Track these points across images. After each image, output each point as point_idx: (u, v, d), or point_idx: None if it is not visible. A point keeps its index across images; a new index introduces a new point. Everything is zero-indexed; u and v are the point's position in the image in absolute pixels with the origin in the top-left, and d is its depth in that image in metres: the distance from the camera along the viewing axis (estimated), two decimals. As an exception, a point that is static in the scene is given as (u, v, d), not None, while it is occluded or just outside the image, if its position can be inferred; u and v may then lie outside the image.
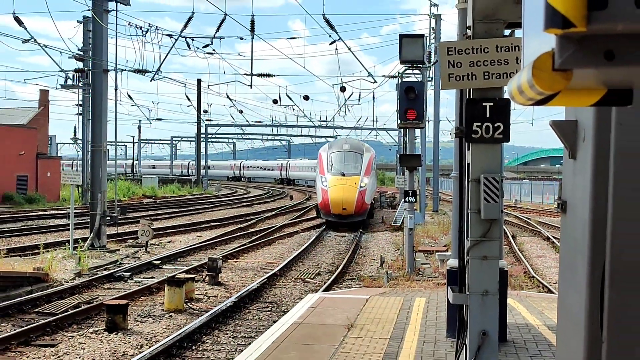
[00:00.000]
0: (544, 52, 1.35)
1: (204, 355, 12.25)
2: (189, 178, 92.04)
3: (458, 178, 8.68)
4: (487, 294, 7.47)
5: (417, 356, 9.14)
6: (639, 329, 2.67)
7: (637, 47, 1.27)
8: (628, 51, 1.28)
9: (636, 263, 2.66)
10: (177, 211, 46.46)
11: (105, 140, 27.72)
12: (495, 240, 7.48)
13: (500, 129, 7.32)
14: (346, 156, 38.85)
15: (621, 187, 2.68)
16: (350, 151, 39.24)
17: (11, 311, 15.31)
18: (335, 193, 35.11)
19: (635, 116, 2.65)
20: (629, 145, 2.68)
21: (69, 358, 11.88)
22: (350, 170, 37.43)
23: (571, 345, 2.97)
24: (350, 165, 38.21)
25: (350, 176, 36.76)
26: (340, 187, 35.42)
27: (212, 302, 16.73)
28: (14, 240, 28.04)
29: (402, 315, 11.91)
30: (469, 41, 7.37)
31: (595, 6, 1.23)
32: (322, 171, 38.25)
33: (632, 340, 2.68)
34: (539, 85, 1.37)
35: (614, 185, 2.69)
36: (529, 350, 9.45)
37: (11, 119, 57.59)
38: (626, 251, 2.67)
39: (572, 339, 2.95)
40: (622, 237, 2.68)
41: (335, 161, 38.35)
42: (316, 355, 9.17)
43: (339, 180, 36.14)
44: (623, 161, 2.68)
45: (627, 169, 2.68)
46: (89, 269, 20.73)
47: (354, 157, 38.70)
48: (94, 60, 28.20)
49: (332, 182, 36.20)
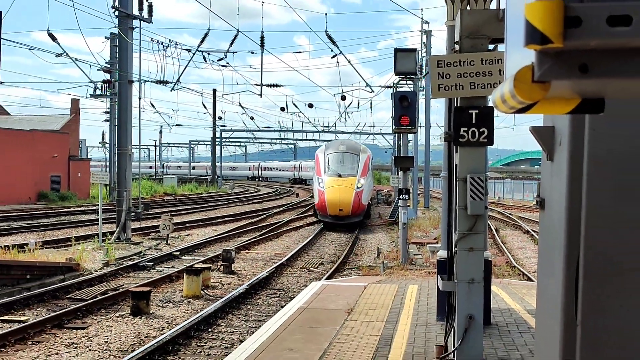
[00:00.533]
0: (524, 65, 1.34)
1: (219, 336, 12.26)
2: (206, 177, 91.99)
3: (447, 177, 8.67)
4: (473, 282, 7.47)
5: (410, 338, 9.13)
6: (610, 313, 2.66)
7: (608, 61, 1.27)
8: (600, 65, 1.28)
9: (607, 255, 2.66)
10: (195, 207, 46.46)
11: (130, 144, 27.72)
12: (480, 234, 7.48)
13: (484, 133, 7.31)
14: (342, 157, 35.11)
15: (594, 186, 2.68)
16: (346, 152, 35.42)
17: (46, 297, 15.33)
18: (332, 194, 31.77)
19: (607, 123, 2.65)
20: (600, 149, 2.68)
21: (98, 339, 11.89)
22: (347, 171, 33.83)
23: (549, 328, 2.96)
24: (346, 166, 34.53)
25: (347, 177, 33.27)
26: (336, 188, 32.10)
27: (226, 289, 16.74)
28: (49, 233, 28.09)
29: (397, 301, 11.91)
30: (456, 55, 7.36)
31: (570, 24, 1.23)
32: (318, 172, 34.73)
33: (604, 323, 2.68)
34: (520, 95, 1.37)
35: (587, 185, 2.69)
36: (510, 333, 9.45)
37: (46, 125, 57.57)
38: (598, 244, 2.67)
39: (549, 323, 2.95)
40: (595, 231, 2.67)
41: (332, 162, 34.65)
42: (319, 337, 9.17)
43: (335, 182, 32.71)
44: (596, 163, 2.68)
45: (599, 171, 2.68)
46: (115, 260, 20.75)
47: (350, 158, 34.97)
48: (120, 72, 28.23)
49: (328, 183, 32.71)
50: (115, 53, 37.65)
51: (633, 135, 2.66)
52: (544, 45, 1.25)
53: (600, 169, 2.67)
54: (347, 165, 34.41)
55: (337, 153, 35.24)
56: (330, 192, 31.80)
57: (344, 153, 35.21)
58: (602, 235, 2.67)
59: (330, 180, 32.86)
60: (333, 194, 31.70)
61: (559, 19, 1.23)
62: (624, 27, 1.22)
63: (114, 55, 38.77)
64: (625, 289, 2.65)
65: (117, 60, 30.65)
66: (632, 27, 1.22)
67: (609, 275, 2.65)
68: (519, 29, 1.33)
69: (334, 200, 31.47)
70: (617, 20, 1.23)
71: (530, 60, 1.31)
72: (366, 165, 34.66)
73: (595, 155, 2.67)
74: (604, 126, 2.66)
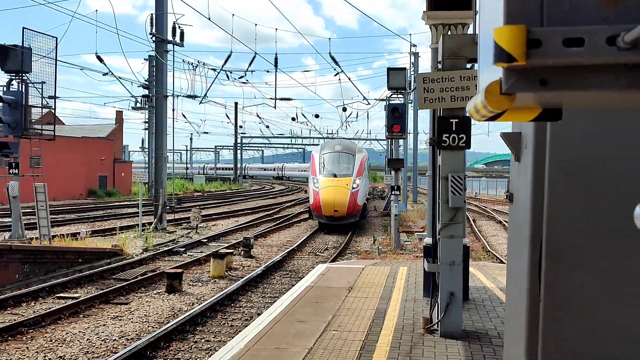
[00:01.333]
0: (493, 80, 1.34)
1: (240, 310, 12.28)
2: (229, 176, 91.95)
3: (431, 176, 8.67)
4: (453, 264, 7.47)
5: (401, 311, 9.13)
6: (568, 290, 2.66)
7: (564, 76, 1.27)
8: (557, 79, 1.28)
9: (565, 240, 2.66)
10: (220, 202, 46.48)
11: (165, 149, 27.78)
12: (460, 224, 7.48)
13: (463, 139, 7.31)
14: (338, 157, 29.79)
15: (554, 183, 2.68)
16: (342, 152, 30.02)
17: (95, 278, 15.39)
18: (327, 194, 26.82)
19: (565, 129, 2.65)
20: (560, 151, 2.67)
21: (138, 313, 11.92)
22: (342, 172, 28.58)
23: (517, 302, 2.96)
24: (342, 166, 29.28)
25: (342, 177, 28.11)
26: (331, 189, 27.13)
27: (246, 271, 16.76)
28: (97, 224, 28.17)
29: (390, 280, 11.90)
30: (439, 72, 7.36)
31: (532, 45, 1.23)
32: (314, 172, 29.27)
33: (562, 298, 2.68)
34: (490, 105, 1.37)
35: (548, 182, 2.69)
36: (485, 307, 9.44)
37: (94, 133, 57.69)
38: (558, 231, 2.67)
39: (517, 298, 2.95)
40: (555, 220, 2.67)
41: (327, 162, 29.39)
42: (325, 310, 9.17)
43: (330, 182, 27.66)
44: (555, 163, 2.67)
45: (558, 169, 2.67)
46: (153, 246, 20.80)
47: (346, 158, 29.64)
48: (157, 89, 28.30)
49: (323, 183, 27.70)
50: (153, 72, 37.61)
51: (586, 139, 2.66)
52: (510, 63, 1.25)
53: (559, 168, 2.67)
54: (342, 166, 29.30)
55: (332, 153, 30.02)
56: (325, 193, 27.02)
57: (340, 153, 29.99)
58: (561, 223, 2.66)
59: (325, 180, 27.97)
60: (328, 194, 26.91)
61: (522, 41, 1.23)
62: (577, 47, 1.23)
63: (152, 74, 38.76)
64: (581, 269, 2.64)
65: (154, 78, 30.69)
66: (584, 48, 1.22)
67: (567, 257, 2.65)
68: (489, 49, 1.33)
69: (329, 200, 26.69)
70: (571, 42, 1.23)
71: (499, 75, 1.32)
72: (362, 166, 29.58)
73: (555, 156, 2.67)
74: (562, 131, 2.66)
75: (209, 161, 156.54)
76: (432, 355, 6.86)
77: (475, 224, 29.69)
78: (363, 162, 29.78)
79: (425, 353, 6.96)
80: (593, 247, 2.61)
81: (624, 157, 2.60)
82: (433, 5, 8.97)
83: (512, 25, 1.23)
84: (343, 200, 26.66)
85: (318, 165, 29.12)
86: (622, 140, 2.60)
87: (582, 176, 2.66)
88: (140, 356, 9.04)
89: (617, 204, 2.56)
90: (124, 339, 10.16)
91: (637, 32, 1.16)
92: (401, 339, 7.53)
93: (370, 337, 7.63)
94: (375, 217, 34.50)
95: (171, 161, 40.30)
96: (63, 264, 16.35)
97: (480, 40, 1.66)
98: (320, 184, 27.52)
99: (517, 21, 1.24)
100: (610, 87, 1.25)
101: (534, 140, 2.76)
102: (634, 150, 2.52)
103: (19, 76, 18.67)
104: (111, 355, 9.14)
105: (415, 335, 7.72)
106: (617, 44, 1.20)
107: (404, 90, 22.40)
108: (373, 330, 7.94)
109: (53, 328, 10.80)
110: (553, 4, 1.25)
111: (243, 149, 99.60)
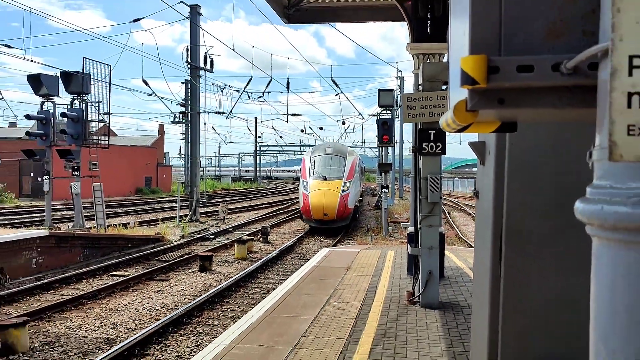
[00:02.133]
0: (460, 99, 1.35)
1: (259, 285, 12.28)
2: (250, 177, 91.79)
3: (414, 177, 8.66)
4: (432, 248, 7.46)
5: (389, 286, 9.12)
6: (524, 270, 2.66)
7: (518, 96, 1.27)
8: (512, 99, 1.28)
9: (521, 229, 2.66)
10: (242, 198, 46.47)
11: (198, 155, 27.82)
12: (437, 215, 7.47)
13: (440, 146, 7.30)
14: (328, 160, 24.94)
15: (512, 181, 2.67)
16: (333, 155, 25.12)
17: (141, 259, 15.43)
18: (316, 198, 22.42)
19: (520, 138, 2.64)
20: (516, 156, 2.67)
21: (177, 287, 11.94)
22: (333, 174, 23.97)
23: (482, 279, 2.96)
24: (332, 169, 24.51)
25: (333, 180, 23.50)
26: (321, 192, 22.66)
27: (264, 254, 16.76)
28: (143, 216, 28.21)
29: (380, 261, 11.89)
30: (420, 93, 7.35)
31: (491, 72, 1.24)
32: (304, 175, 24.52)
33: (518, 276, 2.67)
34: (458, 120, 1.38)
35: (507, 181, 2.69)
36: (458, 283, 9.42)
37: (141, 142, 57.78)
38: (515, 222, 2.67)
39: (482, 276, 2.94)
40: (512, 212, 2.67)
41: (318, 165, 24.65)
42: (327, 285, 9.17)
43: (320, 185, 23.12)
44: (513, 166, 2.67)
45: (515, 171, 2.67)
46: (188, 234, 20.80)
47: (337, 161, 24.81)
48: (191, 106, 28.36)
49: (313, 186, 23.15)
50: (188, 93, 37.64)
51: (536, 145, 2.66)
52: (474, 86, 1.25)
53: (515, 169, 2.67)
54: (333, 168, 24.43)
55: (323, 156, 25.03)
56: (314, 196, 22.49)
57: (331, 156, 25.01)
58: (517, 215, 2.66)
59: (315, 183, 23.27)
60: (317, 197, 22.39)
61: (483, 68, 1.23)
62: (528, 73, 1.23)
63: (187, 95, 38.79)
64: (533, 252, 2.64)
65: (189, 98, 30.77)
66: (534, 73, 1.23)
67: (523, 243, 2.65)
68: (457, 74, 1.33)
69: (319, 204, 22.14)
70: (523, 68, 1.23)
71: (465, 96, 1.32)
72: (353, 168, 24.58)
73: (513, 160, 2.67)
74: (518, 140, 2.66)
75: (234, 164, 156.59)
76: (414, 322, 6.85)
77: (450, 216, 29.60)
78: (354, 164, 24.91)
79: (409, 320, 6.95)
80: (543, 231, 2.61)
81: (565, 159, 2.60)
82: (415, 38, 8.96)
83: (475, 55, 1.24)
84: (333, 203, 22.03)
85: (308, 168, 24.27)
86: (564, 145, 2.61)
87: (533, 175, 2.66)
88: (178, 323, 9.07)
89: (560, 197, 2.57)
90: (164, 309, 10.19)
91: (576, 60, 1.16)
92: (389, 309, 7.52)
93: (364, 307, 7.63)
94: (368, 211, 34.44)
95: (203, 165, 40.30)
96: (115, 248, 16.39)
97: (450, 67, 1.67)
98: (310, 187, 22.90)
99: (480, 52, 1.25)
100: (555, 105, 1.26)
101: (495, 147, 2.76)
102: (573, 153, 2.52)
103: (80, 96, 18.74)
104: (154, 322, 9.17)
105: (401, 306, 7.72)
106: (560, 70, 1.21)
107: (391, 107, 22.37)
108: (366, 302, 7.93)
109: (107, 300, 10.83)
110: (508, 38, 1.25)
111: (262, 155, 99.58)
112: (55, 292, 11.44)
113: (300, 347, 5.84)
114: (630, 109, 0.97)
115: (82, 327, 8.97)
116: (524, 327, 2.64)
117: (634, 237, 0.98)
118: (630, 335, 0.97)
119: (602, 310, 1.04)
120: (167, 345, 8.10)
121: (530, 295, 2.64)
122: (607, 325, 1.02)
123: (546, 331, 2.60)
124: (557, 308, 2.58)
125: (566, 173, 2.58)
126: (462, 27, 1.37)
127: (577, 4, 1.21)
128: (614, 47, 0.98)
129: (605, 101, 1.04)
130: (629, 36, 0.97)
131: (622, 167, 1.03)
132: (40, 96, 18.42)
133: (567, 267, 2.57)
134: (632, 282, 0.98)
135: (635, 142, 0.97)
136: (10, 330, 7.61)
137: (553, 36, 1.23)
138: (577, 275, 2.39)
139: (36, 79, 18.19)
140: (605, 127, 1.01)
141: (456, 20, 1.53)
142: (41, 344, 8.08)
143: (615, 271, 1.02)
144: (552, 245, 2.59)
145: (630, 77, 0.97)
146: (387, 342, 6.03)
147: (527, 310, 2.64)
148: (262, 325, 6.68)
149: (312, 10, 12.17)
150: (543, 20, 1.23)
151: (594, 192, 1.09)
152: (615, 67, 0.98)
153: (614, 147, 0.98)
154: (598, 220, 1.04)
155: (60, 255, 14.27)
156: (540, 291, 2.61)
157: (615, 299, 1.01)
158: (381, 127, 20.29)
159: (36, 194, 40.70)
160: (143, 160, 51.91)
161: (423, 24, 8.75)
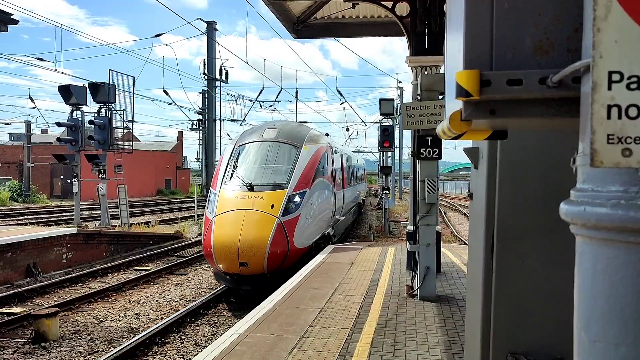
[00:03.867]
0: (455, 110, 1.36)
1: (269, 279, 12.27)
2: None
3: (413, 180, 8.66)
4: (429, 245, 7.45)
5: (389, 280, 9.11)
6: (514, 264, 2.67)
7: (508, 107, 1.29)
8: (503, 110, 1.30)
9: (511, 227, 2.67)
10: (254, 199, 46.37)
11: (214, 159, 27.90)
12: (434, 215, 7.47)
13: (436, 152, 7.30)
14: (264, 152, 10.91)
15: (503, 184, 2.69)
16: (274, 141, 11.07)
17: (162, 255, 15.49)
18: (225, 228, 9.30)
19: (510, 145, 2.66)
20: (506, 161, 2.69)
21: (194, 281, 11.98)
22: (266, 180, 10.21)
23: (475, 274, 2.97)
24: (269, 169, 10.53)
25: (266, 191, 9.91)
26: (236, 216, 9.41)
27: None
28: (164, 215, 28.32)
29: (381, 257, 11.88)
30: (418, 102, 7.35)
31: (484, 85, 1.25)
32: (214, 183, 10.68)
33: (509, 270, 2.68)
34: (453, 128, 1.39)
35: (498, 183, 2.70)
36: (453, 278, 9.39)
37: (161, 147, 58.05)
38: (506, 220, 2.68)
39: (476, 271, 2.95)
40: (503, 211, 2.68)
41: (242, 162, 10.80)
42: (333, 279, 9.17)
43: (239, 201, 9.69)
44: (503, 169, 2.69)
45: (506, 175, 2.69)
46: (205, 231, 20.84)
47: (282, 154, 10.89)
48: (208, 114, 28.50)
49: (224, 203, 9.77)
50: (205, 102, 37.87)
51: (525, 151, 2.67)
52: (468, 98, 1.26)
53: (506, 173, 2.68)
54: (269, 168, 10.72)
55: (256, 144, 11.32)
56: (222, 224, 9.56)
57: (270, 143, 11.21)
58: (507, 214, 2.67)
59: (229, 197, 10.03)
60: (228, 226, 9.46)
61: (476, 81, 1.25)
62: (517, 86, 1.24)
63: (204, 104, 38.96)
64: (523, 247, 2.65)
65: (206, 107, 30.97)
66: (523, 87, 1.24)
67: (513, 239, 2.66)
68: (452, 87, 1.35)
69: (228, 240, 9.27)
70: (513, 82, 1.24)
71: (460, 107, 1.33)
72: (313, 167, 11.19)
73: (503, 164, 2.68)
74: (508, 147, 2.67)
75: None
76: (413, 313, 6.85)
77: (446, 215, 29.51)
78: (316, 159, 11.58)
79: (408, 312, 6.95)
80: (531, 229, 2.62)
81: (551, 164, 2.62)
82: (414, 52, 8.97)
83: (469, 70, 1.25)
84: (258, 239, 9.46)
85: (224, 168, 11.11)
86: (550, 151, 2.62)
87: (522, 178, 2.67)
88: (196, 314, 9.10)
89: (548, 197, 2.58)
90: (183, 301, 10.23)
91: (561, 75, 1.18)
92: (390, 301, 7.52)
93: (366, 299, 7.63)
94: (370, 211, 34.38)
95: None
96: (138, 245, 16.47)
97: (446, 80, 1.69)
98: (217, 206, 10.13)
99: (473, 67, 1.26)
100: (542, 115, 1.27)
101: (487, 153, 2.77)
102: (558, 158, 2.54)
103: (106, 105, 18.89)
104: (174, 312, 9.20)
105: (400, 298, 7.71)
106: (547, 84, 1.22)
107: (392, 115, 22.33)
108: (369, 295, 7.93)
109: (131, 292, 10.88)
110: (499, 54, 1.27)
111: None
112: (83, 285, 11.52)
113: (308, 336, 5.86)
114: (609, 120, 0.99)
115: (108, 317, 9.03)
116: (514, 317, 2.65)
117: (613, 236, 1.00)
118: (609, 322, 0.99)
119: (584, 301, 1.06)
120: (185, 334, 8.14)
121: (521, 288, 2.64)
122: (589, 314, 1.04)
123: (535, 321, 2.61)
124: (545, 299, 2.59)
125: (552, 176, 2.59)
126: (457, 44, 1.38)
127: (561, 24, 1.23)
128: (594, 63, 1.00)
129: (587, 112, 1.06)
130: (608, 54, 0.99)
131: (602, 172, 1.05)
132: (70, 105, 18.58)
133: (553, 261, 2.58)
134: (610, 275, 1.00)
135: (614, 149, 0.98)
136: (42, 320, 7.68)
137: (540, 53, 1.25)
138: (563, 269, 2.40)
139: (66, 90, 18.36)
140: (587, 135, 1.03)
141: (451, 36, 1.55)
142: (70, 332, 8.15)
143: (596, 266, 1.04)
144: (540, 241, 2.60)
145: (609, 90, 0.99)
146: (388, 331, 6.03)
147: (517, 301, 2.65)
148: (272, 316, 6.70)
149: (318, 26, 12.21)
150: (531, 39, 1.25)
151: (577, 194, 1.11)
152: (596, 81, 1.00)
153: (595, 154, 1.00)
154: (581, 220, 1.06)
155: (87, 251, 14.36)
156: (530, 284, 2.62)
157: (595, 291, 1.03)
158: (382, 133, 20.28)
159: (66, 195, 40.99)
160: (163, 164, 52.14)
161: (421, 38, 8.76)
